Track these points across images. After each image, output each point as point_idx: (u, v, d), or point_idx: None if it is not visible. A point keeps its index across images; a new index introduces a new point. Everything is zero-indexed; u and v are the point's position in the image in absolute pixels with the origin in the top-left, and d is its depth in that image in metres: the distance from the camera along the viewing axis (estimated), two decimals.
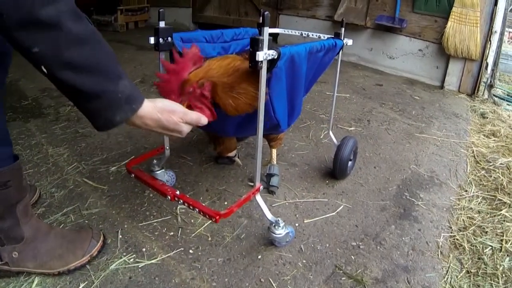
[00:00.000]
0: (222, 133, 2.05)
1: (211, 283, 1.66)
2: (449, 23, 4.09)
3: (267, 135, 2.19)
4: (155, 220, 2.01)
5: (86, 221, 2.00)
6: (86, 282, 1.65)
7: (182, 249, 1.84)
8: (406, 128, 3.21)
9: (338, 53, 2.14)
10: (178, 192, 1.66)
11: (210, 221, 1.99)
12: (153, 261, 1.76)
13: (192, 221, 2.02)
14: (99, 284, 1.64)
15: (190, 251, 1.83)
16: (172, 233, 1.93)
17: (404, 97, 3.90)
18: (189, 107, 1.44)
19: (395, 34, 4.54)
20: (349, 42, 2.18)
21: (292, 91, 1.77)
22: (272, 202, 2.20)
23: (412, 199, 2.31)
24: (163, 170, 2.20)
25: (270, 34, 1.43)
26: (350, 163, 2.41)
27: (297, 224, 2.04)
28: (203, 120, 1.30)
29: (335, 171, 2.36)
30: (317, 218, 2.10)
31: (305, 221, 2.07)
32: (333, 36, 2.12)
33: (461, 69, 4.20)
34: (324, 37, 2.23)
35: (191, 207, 1.61)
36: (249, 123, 1.74)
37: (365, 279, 1.74)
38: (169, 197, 1.64)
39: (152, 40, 1.73)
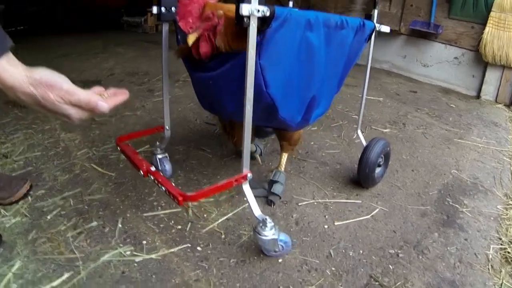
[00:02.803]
0: (221, 109, 1.64)
1: (219, 287, 1.28)
2: (486, 28, 3.66)
3: (278, 131, 1.81)
4: (162, 212, 1.66)
5: (86, 207, 1.68)
6: (72, 273, 1.35)
7: (189, 245, 1.48)
8: (444, 134, 2.79)
9: (369, 38, 1.75)
10: (153, 169, 1.43)
11: (225, 217, 1.64)
12: (152, 255, 1.42)
13: (205, 215, 1.66)
14: (86, 276, 1.34)
15: (198, 248, 1.47)
16: (179, 227, 1.58)
17: (440, 104, 3.47)
18: (200, 37, 1.32)
19: (430, 40, 4.12)
20: (384, 28, 1.81)
21: (306, 72, 1.42)
22: (298, 201, 1.82)
23: (456, 205, 1.90)
24: (166, 156, 1.87)
25: None
26: (379, 169, 1.97)
27: (326, 226, 1.66)
28: (101, 106, 0.86)
29: (359, 176, 1.92)
30: (349, 221, 1.71)
31: (335, 223, 1.68)
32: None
33: (499, 77, 3.76)
34: None
35: (159, 185, 1.35)
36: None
37: None
38: (141, 172, 1.42)
39: (154, 9, 1.56)
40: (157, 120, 2.60)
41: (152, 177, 1.40)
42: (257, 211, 1.38)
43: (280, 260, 1.45)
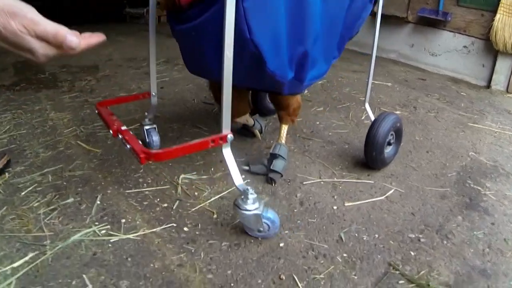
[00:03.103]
0: (206, 67, 1.35)
1: (205, 275, 1.01)
2: (497, 15, 3.34)
3: (274, 99, 1.56)
4: (148, 189, 1.39)
5: (65, 183, 1.41)
6: (37, 252, 1.10)
7: (174, 225, 1.20)
8: (457, 118, 2.50)
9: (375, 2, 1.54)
10: (124, 128, 1.19)
11: (219, 195, 1.36)
12: (130, 235, 1.15)
13: (196, 193, 1.38)
14: (52, 256, 1.08)
15: (185, 228, 1.20)
16: (165, 205, 1.30)
17: (450, 91, 3.17)
18: None
19: (438, 29, 3.81)
20: None
21: (296, 23, 1.18)
22: (303, 180, 1.54)
23: (478, 188, 1.61)
24: (154, 128, 1.61)
25: None
26: (389, 148, 1.68)
27: (335, 207, 1.38)
28: (70, 40, 0.66)
29: (366, 155, 1.63)
30: (361, 202, 1.43)
31: (345, 204, 1.40)
32: None
33: (510, 67, 3.44)
34: None
35: (125, 144, 1.13)
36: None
37: (432, 284, 1.08)
38: (111, 131, 1.20)
39: None
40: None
41: (120, 136, 1.15)
42: (238, 179, 1.11)
43: (281, 245, 1.17)
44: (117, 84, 2.63)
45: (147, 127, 1.57)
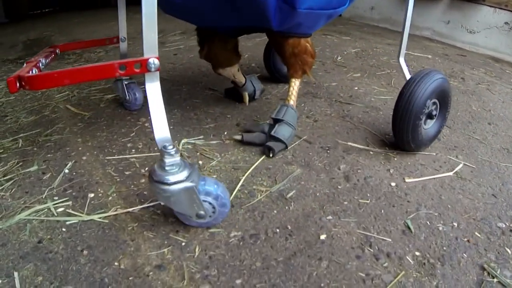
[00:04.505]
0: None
1: (198, 285, 0.58)
2: None
3: (273, 41, 1.08)
4: (135, 155, 0.96)
5: (35, 149, 1.01)
6: None
7: (161, 203, 0.75)
8: (511, 92, 1.99)
9: None
10: (42, 63, 0.82)
11: (231, 165, 0.92)
12: (95, 216, 0.74)
13: (201, 162, 0.95)
14: None
15: None
16: None
17: (495, 68, 2.65)
18: None
19: (477, 4, 3.27)
20: None
21: None
22: (346, 148, 1.10)
23: None
24: (134, 82, 1.24)
25: None
26: (430, 123, 1.10)
27: (393, 184, 0.93)
28: None
29: (395, 130, 1.05)
30: (425, 178, 0.97)
31: (406, 181, 0.94)
32: None
33: None
34: None
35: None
36: None
37: None
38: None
39: None
40: (164, 65, 1.90)
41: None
42: (160, 131, 0.63)
43: (323, 237, 0.73)
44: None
45: (125, 82, 1.16)
